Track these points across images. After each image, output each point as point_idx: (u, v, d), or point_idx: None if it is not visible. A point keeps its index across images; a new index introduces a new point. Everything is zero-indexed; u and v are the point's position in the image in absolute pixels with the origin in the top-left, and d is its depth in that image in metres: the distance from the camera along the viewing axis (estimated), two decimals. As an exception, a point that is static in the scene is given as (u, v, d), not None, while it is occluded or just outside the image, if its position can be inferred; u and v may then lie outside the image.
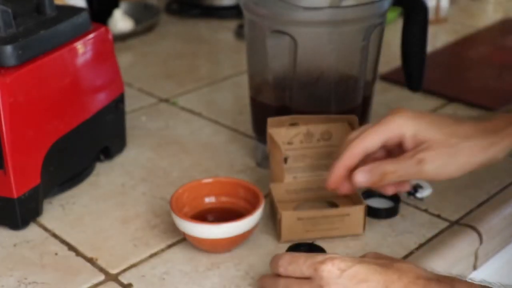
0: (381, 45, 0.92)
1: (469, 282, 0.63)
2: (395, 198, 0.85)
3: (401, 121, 0.71)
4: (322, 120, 0.85)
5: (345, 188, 0.74)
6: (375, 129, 0.72)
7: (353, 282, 0.62)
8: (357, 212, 0.79)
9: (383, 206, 0.85)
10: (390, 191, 0.76)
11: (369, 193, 0.86)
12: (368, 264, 0.64)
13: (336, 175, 0.73)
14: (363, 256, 0.68)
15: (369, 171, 0.71)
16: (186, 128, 1.08)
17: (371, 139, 0.72)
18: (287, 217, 0.78)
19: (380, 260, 0.66)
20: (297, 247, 0.72)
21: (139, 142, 1.03)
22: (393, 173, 0.70)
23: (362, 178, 0.71)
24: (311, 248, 0.72)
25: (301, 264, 0.65)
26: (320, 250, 0.72)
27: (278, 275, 0.67)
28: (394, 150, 0.74)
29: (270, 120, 0.84)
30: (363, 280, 0.62)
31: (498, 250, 0.86)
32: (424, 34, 0.92)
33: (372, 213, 0.83)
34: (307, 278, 0.64)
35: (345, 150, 0.72)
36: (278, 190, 0.83)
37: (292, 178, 0.84)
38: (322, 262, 0.63)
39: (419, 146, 0.70)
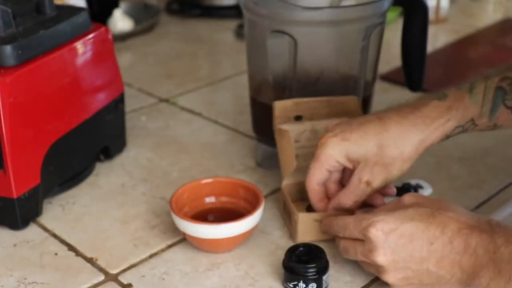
0: (381, 45, 0.92)
1: (508, 231, 0.65)
2: None
3: (329, 150, 0.76)
4: (324, 106, 0.85)
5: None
6: (314, 166, 0.78)
7: (399, 243, 0.67)
8: None
9: None
10: (379, 202, 0.79)
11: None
12: (411, 221, 0.67)
13: (319, 208, 0.79)
14: (403, 203, 0.71)
15: (332, 205, 0.78)
16: (186, 128, 1.08)
17: (316, 176, 0.78)
18: (304, 219, 0.78)
19: (421, 209, 0.69)
20: (296, 249, 0.72)
21: (139, 142, 1.03)
22: (351, 204, 0.77)
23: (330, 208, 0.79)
24: (310, 249, 0.72)
25: (352, 229, 0.70)
26: (319, 250, 0.72)
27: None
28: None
29: (277, 104, 0.84)
30: (408, 240, 0.67)
31: (498, 250, 0.86)
32: (424, 34, 0.92)
33: None
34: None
35: (308, 192, 0.79)
36: (290, 190, 0.83)
37: (303, 178, 0.84)
38: (366, 228, 0.68)
39: (358, 166, 0.76)
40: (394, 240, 0.67)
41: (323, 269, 0.71)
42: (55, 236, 0.82)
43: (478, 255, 0.64)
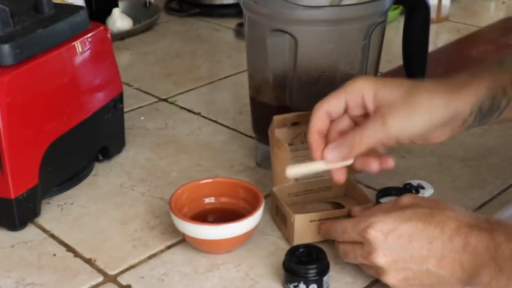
0: (382, 44, 0.92)
1: (508, 229, 0.64)
2: None
3: (360, 84, 0.72)
4: None
5: (338, 176, 0.74)
6: (336, 93, 0.73)
7: (398, 244, 0.66)
8: None
9: None
10: (374, 167, 0.73)
11: (383, 192, 0.86)
12: (410, 222, 0.67)
13: (313, 143, 0.73)
14: (400, 204, 0.70)
15: (337, 146, 0.71)
16: (186, 128, 1.07)
17: (331, 101, 0.73)
18: (300, 220, 0.77)
19: (419, 209, 0.68)
20: (296, 250, 0.72)
21: (138, 142, 1.02)
22: (361, 141, 0.70)
23: (332, 155, 0.71)
24: (310, 250, 0.72)
25: (350, 232, 0.70)
26: (320, 251, 0.72)
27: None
28: (359, 120, 0.73)
29: (276, 118, 0.83)
30: (407, 240, 0.66)
31: (501, 251, 0.85)
32: (425, 33, 0.91)
33: None
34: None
35: (312, 116, 0.73)
36: (281, 194, 0.82)
37: (293, 181, 0.84)
38: (364, 230, 0.67)
39: (381, 108, 0.70)
40: (393, 241, 0.66)
41: (323, 270, 0.70)
42: (53, 236, 0.82)
43: (478, 253, 0.64)
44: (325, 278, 0.70)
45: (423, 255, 0.66)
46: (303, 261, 0.71)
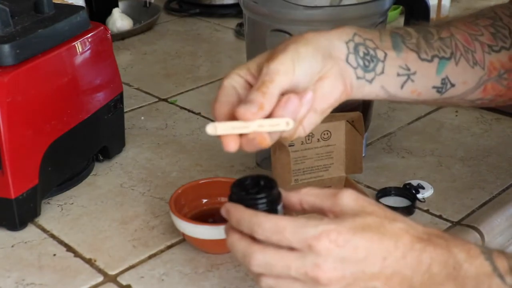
0: (382, 44, 0.92)
1: (464, 242, 0.59)
2: (411, 197, 0.85)
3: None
4: (325, 119, 0.84)
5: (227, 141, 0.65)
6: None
7: (353, 257, 0.56)
8: None
9: (399, 205, 0.84)
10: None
11: (383, 192, 0.86)
12: (366, 232, 0.57)
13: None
14: (341, 204, 0.59)
15: (247, 101, 0.64)
16: (186, 127, 1.07)
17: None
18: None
19: (369, 218, 0.58)
20: (243, 182, 0.63)
21: (138, 142, 1.02)
22: (262, 86, 0.64)
23: (244, 108, 0.63)
24: (258, 180, 0.62)
25: (288, 236, 0.57)
26: (269, 180, 0.62)
27: (252, 237, 0.58)
28: None
29: None
30: (364, 254, 0.56)
31: (500, 251, 0.85)
32: (425, 33, 0.91)
33: None
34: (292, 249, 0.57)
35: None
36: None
37: (293, 182, 0.84)
38: (317, 237, 0.56)
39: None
40: (348, 254, 0.56)
41: (275, 199, 0.61)
42: (53, 236, 0.82)
43: (431, 274, 0.57)
44: (279, 208, 0.61)
45: (374, 271, 0.57)
46: (251, 193, 0.61)
